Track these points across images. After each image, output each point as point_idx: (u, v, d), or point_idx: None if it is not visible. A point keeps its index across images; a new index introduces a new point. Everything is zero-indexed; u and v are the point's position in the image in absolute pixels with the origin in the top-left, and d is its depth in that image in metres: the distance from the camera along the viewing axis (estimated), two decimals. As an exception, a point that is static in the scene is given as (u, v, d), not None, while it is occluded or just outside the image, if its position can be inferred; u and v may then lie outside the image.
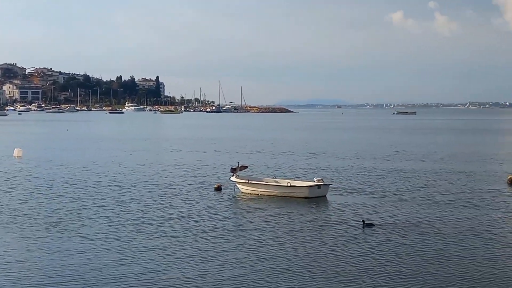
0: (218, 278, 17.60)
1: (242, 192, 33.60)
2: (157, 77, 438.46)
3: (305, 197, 31.67)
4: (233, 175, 34.83)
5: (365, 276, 17.72)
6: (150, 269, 18.35)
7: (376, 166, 47.24)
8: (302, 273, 18.06)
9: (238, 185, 34.27)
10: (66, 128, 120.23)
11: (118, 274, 17.87)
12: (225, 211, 28.14)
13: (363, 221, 24.99)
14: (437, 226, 24.63)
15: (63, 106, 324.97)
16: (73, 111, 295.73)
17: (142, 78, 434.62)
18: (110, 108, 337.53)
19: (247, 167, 36.60)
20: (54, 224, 24.90)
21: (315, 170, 44.06)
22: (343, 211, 28.23)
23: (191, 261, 19.24)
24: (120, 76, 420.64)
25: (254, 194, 33.05)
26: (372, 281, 17.31)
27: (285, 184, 33.31)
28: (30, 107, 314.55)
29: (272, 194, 32.63)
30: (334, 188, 34.53)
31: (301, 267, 18.61)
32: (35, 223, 25.18)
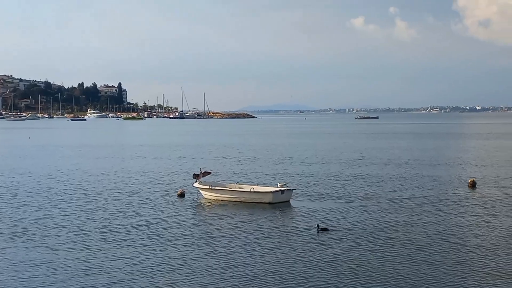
0: (187, 286, 17.55)
1: (205, 198, 33.48)
2: (120, 84, 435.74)
3: (269, 203, 31.64)
4: (196, 181, 34.72)
5: (321, 283, 17.81)
6: (118, 279, 18.18)
7: (341, 171, 47.52)
8: (259, 278, 18.09)
9: (201, 191, 34.13)
10: (28, 135, 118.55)
11: (85, 285, 17.65)
12: (189, 218, 27.99)
13: (318, 225, 25.09)
14: (403, 230, 24.85)
15: (24, 114, 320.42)
16: (34, 119, 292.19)
17: (104, 85, 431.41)
18: (72, 115, 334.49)
19: (210, 173, 36.47)
20: (19, 234, 24.49)
21: (279, 176, 44.09)
22: (305, 216, 28.28)
23: (160, 270, 19.12)
24: (82, 83, 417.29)
25: (217, 200, 32.94)
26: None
27: (249, 190, 33.22)
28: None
29: (236, 200, 32.55)
30: (298, 193, 34.67)
31: (259, 273, 18.63)
32: (-2, 233, 24.75)
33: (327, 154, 65.72)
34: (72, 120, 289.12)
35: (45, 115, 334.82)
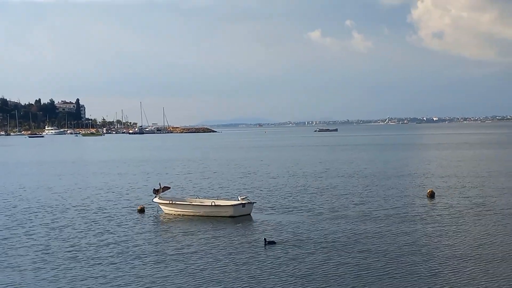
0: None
1: (166, 213, 33.42)
2: (78, 100, 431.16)
3: (230, 216, 31.79)
4: (155, 197, 34.66)
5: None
6: None
7: (303, 184, 47.86)
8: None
9: (161, 206, 34.08)
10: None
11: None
12: (151, 234, 27.95)
13: (264, 239, 25.25)
14: (363, 242, 25.20)
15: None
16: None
17: (62, 101, 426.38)
18: (29, 132, 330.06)
19: (169, 188, 36.41)
20: None
21: (242, 189, 44.26)
22: (262, 229, 28.45)
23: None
24: (39, 100, 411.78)
25: (177, 214, 32.92)
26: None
27: (210, 204, 33.25)
28: None
29: (197, 214, 32.58)
30: (260, 206, 34.91)
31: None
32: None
33: (289, 167, 66.07)
34: (30, 137, 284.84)
35: (1, 132, 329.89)
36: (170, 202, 33.78)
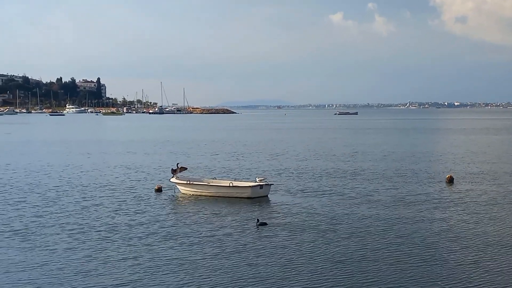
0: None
1: (183, 193, 33.48)
2: (99, 79, 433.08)
3: (248, 197, 31.80)
4: (173, 177, 34.70)
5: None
6: (123, 280, 17.84)
7: (321, 166, 47.63)
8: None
9: (178, 186, 34.11)
10: (7, 131, 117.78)
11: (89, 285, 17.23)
12: (170, 214, 27.93)
13: (257, 219, 25.33)
14: (367, 224, 25.00)
15: (1, 109, 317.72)
16: (12, 114, 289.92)
17: (83, 80, 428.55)
18: (50, 110, 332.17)
19: (186, 168, 36.28)
20: (16, 233, 23.63)
21: (258, 170, 44.22)
22: (279, 211, 28.38)
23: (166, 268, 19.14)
24: (61, 78, 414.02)
25: (195, 195, 32.96)
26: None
27: (227, 185, 33.26)
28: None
29: (214, 194, 32.58)
30: (277, 188, 34.87)
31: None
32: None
33: (308, 149, 65.89)
34: (50, 115, 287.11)
35: (23, 110, 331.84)
36: (188, 182, 33.76)
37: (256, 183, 32.59)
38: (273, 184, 34.22)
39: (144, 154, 61.20)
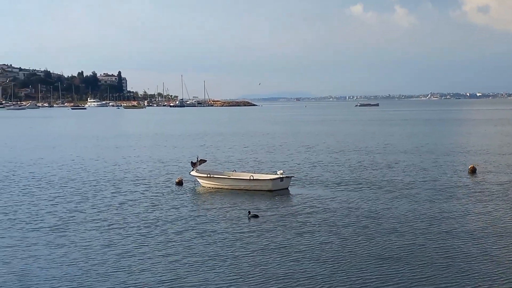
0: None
1: (203, 187, 33.51)
2: (119, 72, 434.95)
3: (268, 190, 31.74)
4: (193, 169, 34.70)
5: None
6: (164, 279, 18.04)
7: (343, 158, 47.56)
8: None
9: (198, 180, 34.08)
10: (29, 125, 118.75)
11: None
12: (192, 207, 27.99)
13: (249, 211, 25.42)
14: (395, 217, 24.92)
15: (24, 103, 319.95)
16: (34, 108, 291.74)
17: (104, 74, 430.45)
18: (72, 104, 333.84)
19: (205, 160, 36.34)
20: (54, 228, 23.64)
21: (279, 163, 44.23)
22: (299, 203, 28.40)
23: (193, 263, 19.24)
24: (82, 72, 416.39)
25: (215, 188, 32.97)
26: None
27: (248, 178, 33.23)
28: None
29: (235, 187, 32.56)
30: (301, 180, 34.97)
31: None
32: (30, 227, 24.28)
33: (330, 141, 65.78)
34: (72, 108, 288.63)
35: (45, 104, 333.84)
36: (208, 175, 33.77)
37: (277, 176, 32.57)
38: (293, 177, 34.19)
39: (167, 147, 61.46)
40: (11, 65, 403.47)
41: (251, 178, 32.94)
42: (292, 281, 16.66)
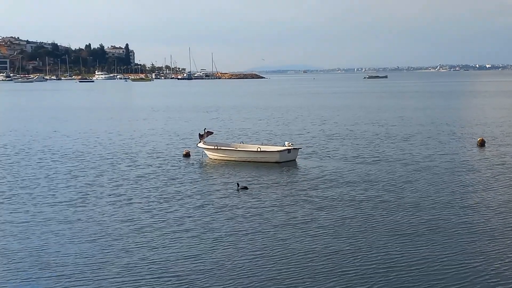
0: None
1: (210, 158, 33.43)
2: (127, 45, 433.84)
3: (276, 162, 31.68)
4: (200, 142, 34.59)
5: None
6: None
7: (351, 130, 47.18)
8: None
9: (206, 152, 34.06)
10: (37, 97, 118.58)
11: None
12: (202, 179, 27.81)
13: (237, 184, 25.37)
14: (416, 190, 24.51)
15: (31, 76, 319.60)
16: (42, 81, 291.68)
17: (112, 46, 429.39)
18: (79, 77, 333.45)
19: (212, 133, 36.27)
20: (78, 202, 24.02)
21: (287, 135, 44.05)
22: (306, 174, 28.37)
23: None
24: (89, 44, 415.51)
25: (222, 160, 32.89)
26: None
27: (255, 149, 33.07)
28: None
29: (242, 159, 32.47)
30: (308, 152, 34.84)
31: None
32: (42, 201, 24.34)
33: (338, 113, 65.47)
34: (80, 81, 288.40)
35: (52, 77, 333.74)
36: (215, 147, 33.65)
37: (284, 147, 32.50)
38: (301, 148, 34.07)
39: (174, 119, 61.26)
40: (18, 37, 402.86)
41: (258, 150, 32.89)
42: (314, 256, 16.29)
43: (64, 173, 29.76)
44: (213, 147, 33.68)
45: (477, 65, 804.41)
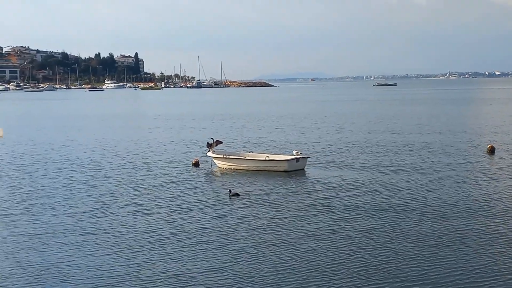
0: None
1: (219, 167, 33.29)
2: (136, 54, 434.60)
3: (284, 171, 31.52)
4: (209, 151, 34.49)
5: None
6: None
7: (358, 139, 46.86)
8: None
9: (214, 161, 33.95)
10: (48, 106, 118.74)
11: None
12: (212, 189, 27.54)
13: (230, 190, 25.38)
14: (440, 199, 24.10)
15: (41, 85, 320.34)
16: (52, 90, 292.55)
17: (121, 55, 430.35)
18: (89, 85, 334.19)
19: (221, 142, 36.17)
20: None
21: (295, 143, 43.83)
22: (315, 184, 28.18)
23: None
24: (99, 53, 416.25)
25: (231, 169, 32.77)
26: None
27: (264, 159, 32.90)
28: (8, 86, 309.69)
29: (251, 168, 32.34)
30: (313, 161, 34.44)
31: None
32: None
33: (347, 122, 65.02)
34: (90, 90, 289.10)
35: (62, 86, 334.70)
36: (224, 156, 33.55)
37: (293, 157, 32.32)
38: (309, 157, 33.84)
39: (183, 128, 61.16)
40: (28, 47, 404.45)
41: (267, 158, 32.78)
42: (338, 268, 15.93)
43: (81, 183, 29.57)
44: (222, 156, 33.61)
45: (487, 72, 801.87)
